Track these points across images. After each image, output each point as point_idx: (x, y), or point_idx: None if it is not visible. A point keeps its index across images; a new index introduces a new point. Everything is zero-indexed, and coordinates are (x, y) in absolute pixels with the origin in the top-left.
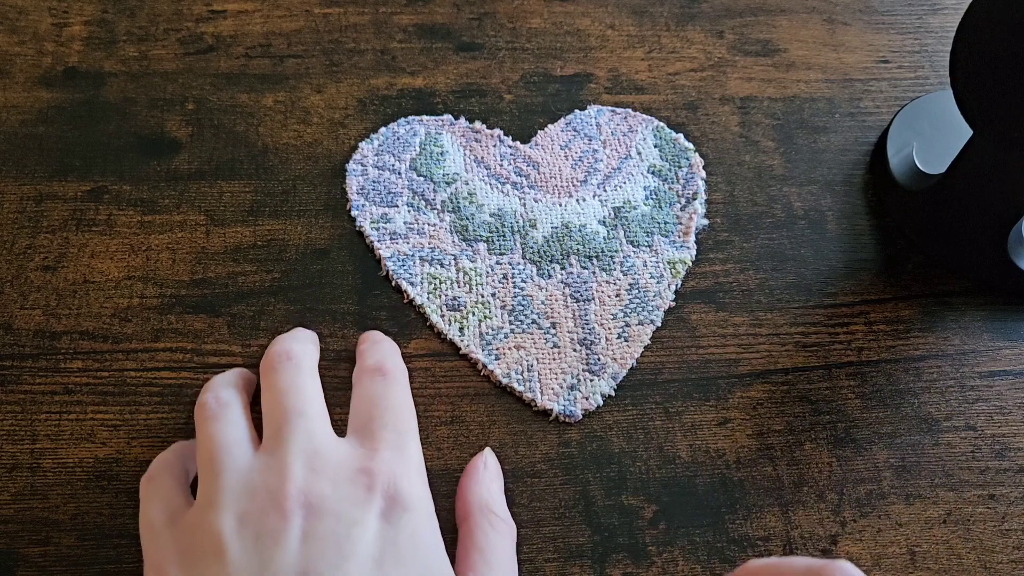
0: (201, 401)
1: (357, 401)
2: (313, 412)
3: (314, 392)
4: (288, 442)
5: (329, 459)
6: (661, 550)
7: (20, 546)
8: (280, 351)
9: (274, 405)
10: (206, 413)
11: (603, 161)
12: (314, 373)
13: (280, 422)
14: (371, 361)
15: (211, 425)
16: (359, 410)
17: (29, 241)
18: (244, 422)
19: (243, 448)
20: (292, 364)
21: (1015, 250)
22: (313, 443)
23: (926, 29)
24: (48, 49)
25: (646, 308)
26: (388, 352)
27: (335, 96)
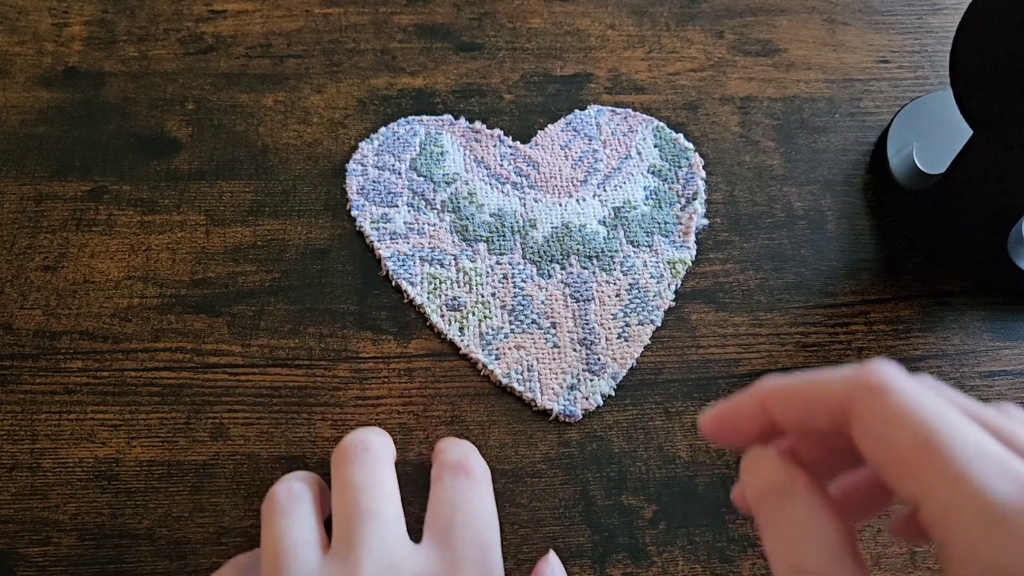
0: (271, 493)
1: (436, 502)
2: (389, 514)
3: (391, 491)
4: (360, 549)
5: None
6: (661, 550)
7: (20, 546)
8: (357, 441)
9: (347, 502)
10: (275, 507)
11: (603, 161)
12: (391, 470)
13: (352, 523)
14: (454, 457)
15: (279, 521)
16: (439, 513)
17: (29, 241)
18: (314, 521)
19: (311, 550)
20: (369, 457)
21: (1015, 250)
22: (387, 552)
23: (926, 29)
24: (48, 49)
25: (646, 308)
26: (470, 451)
27: (335, 96)
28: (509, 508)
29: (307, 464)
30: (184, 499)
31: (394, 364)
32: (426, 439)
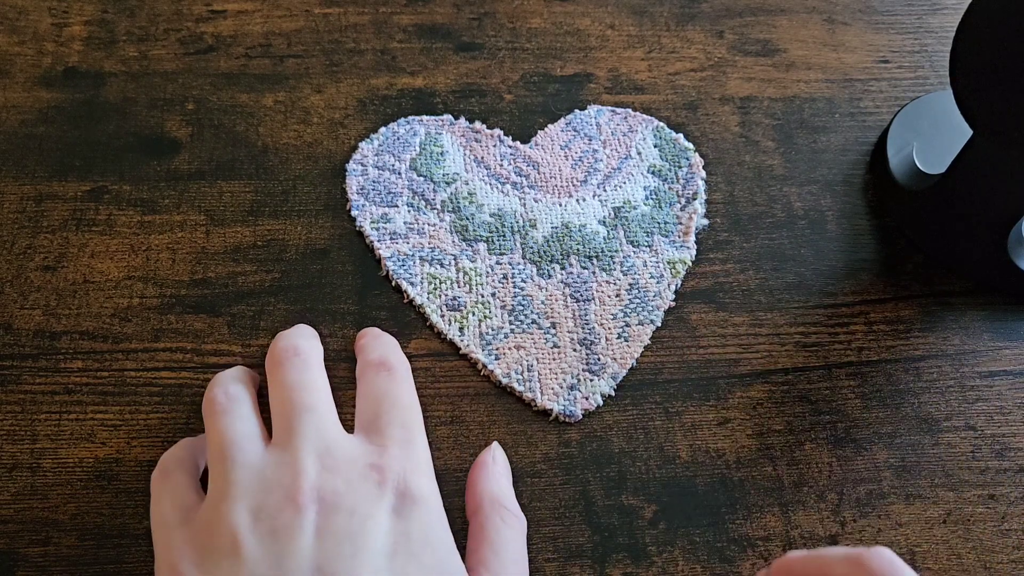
0: (209, 396)
1: (363, 398)
2: (323, 408)
3: (323, 387)
4: (299, 437)
5: (340, 455)
6: (661, 550)
7: (20, 546)
8: (286, 346)
9: (283, 400)
10: (216, 408)
11: (603, 161)
12: (321, 368)
13: (290, 417)
14: (374, 356)
15: (221, 420)
16: (366, 406)
17: (29, 241)
18: (254, 417)
19: (254, 443)
20: (300, 359)
21: (1015, 250)
22: (324, 439)
23: (926, 29)
24: (48, 49)
25: (646, 308)
26: (390, 347)
27: (335, 96)
28: None
29: None
30: None
31: None
32: None
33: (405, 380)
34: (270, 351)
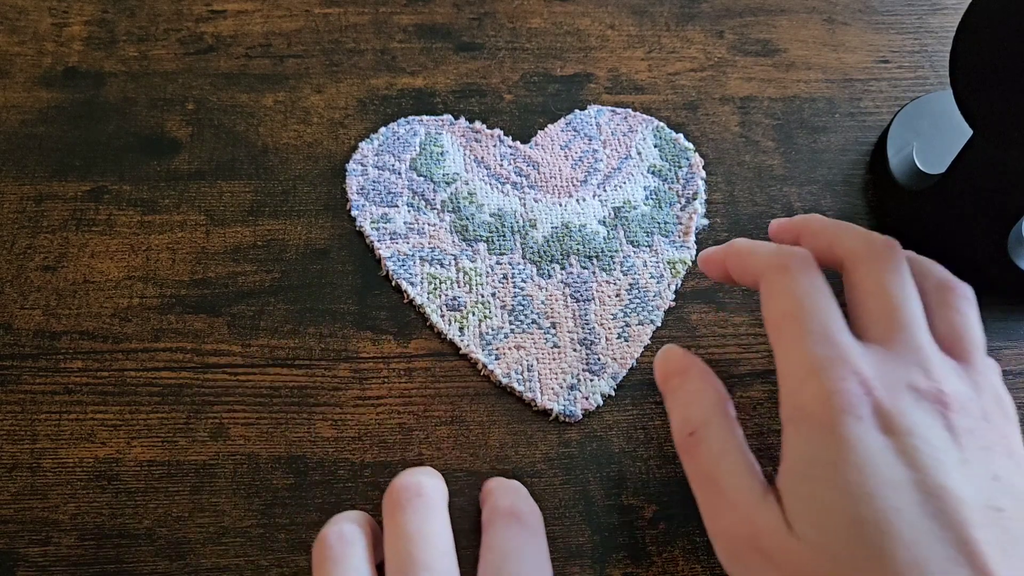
0: (322, 537)
1: (489, 551)
2: (443, 567)
3: (445, 542)
4: None
5: None
6: (661, 550)
7: (20, 546)
8: (410, 485)
9: (400, 553)
10: (326, 553)
11: (603, 161)
12: (445, 516)
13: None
14: (506, 503)
15: (332, 570)
16: (491, 562)
17: (29, 241)
18: (367, 569)
19: None
20: (422, 503)
21: (1015, 250)
22: None
23: (926, 29)
24: (48, 49)
25: (646, 308)
26: (523, 496)
27: (335, 96)
28: None
29: (308, 464)
30: (184, 499)
31: (394, 364)
32: (426, 439)
33: (537, 535)
34: (390, 488)
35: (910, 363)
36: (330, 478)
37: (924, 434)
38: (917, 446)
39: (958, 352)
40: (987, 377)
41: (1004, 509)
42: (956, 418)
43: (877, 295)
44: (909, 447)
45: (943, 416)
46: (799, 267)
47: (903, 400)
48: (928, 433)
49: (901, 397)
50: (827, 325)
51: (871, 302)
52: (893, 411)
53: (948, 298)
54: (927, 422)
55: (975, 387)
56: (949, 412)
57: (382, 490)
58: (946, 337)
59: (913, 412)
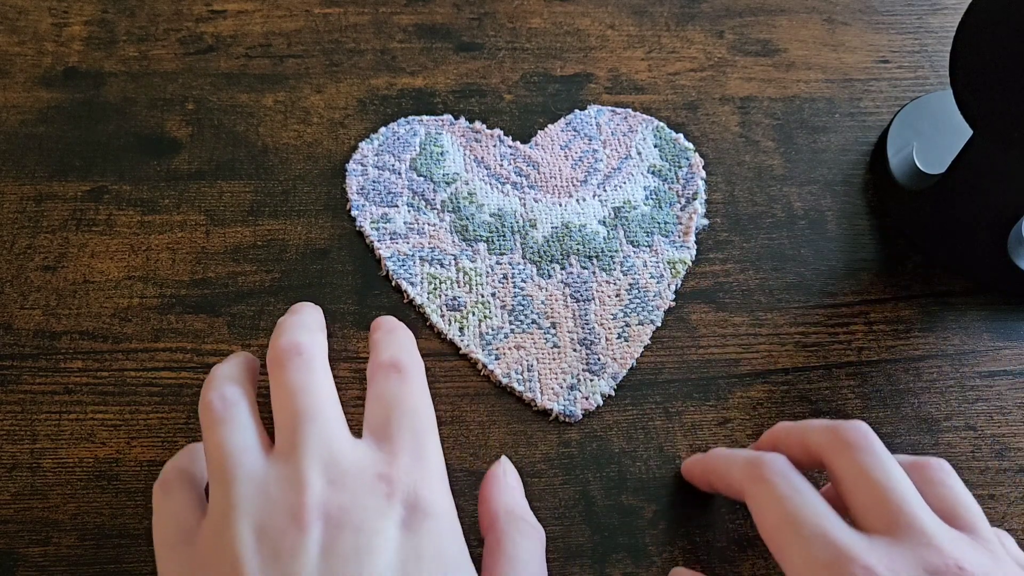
0: (205, 401)
1: (372, 400)
2: (328, 413)
3: (328, 391)
4: (303, 448)
5: (346, 466)
6: (661, 550)
7: (20, 546)
8: (288, 344)
9: (286, 406)
10: (212, 416)
11: (603, 161)
12: (326, 368)
13: (293, 426)
14: (386, 356)
15: (219, 430)
16: (375, 410)
17: (29, 241)
18: (253, 423)
19: (254, 454)
20: (303, 360)
21: (1015, 250)
22: (329, 449)
23: (926, 29)
24: (48, 49)
25: (646, 308)
26: (404, 344)
27: (335, 96)
28: None
29: None
30: None
31: None
32: None
33: (417, 382)
34: (271, 347)
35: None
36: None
37: None
38: None
39: (961, 525)
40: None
41: None
42: None
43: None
44: None
45: None
46: (775, 473)
47: None
48: None
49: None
50: (822, 525)
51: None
52: None
53: (928, 474)
54: None
55: (992, 556)
56: None
57: None
58: (943, 513)
59: None
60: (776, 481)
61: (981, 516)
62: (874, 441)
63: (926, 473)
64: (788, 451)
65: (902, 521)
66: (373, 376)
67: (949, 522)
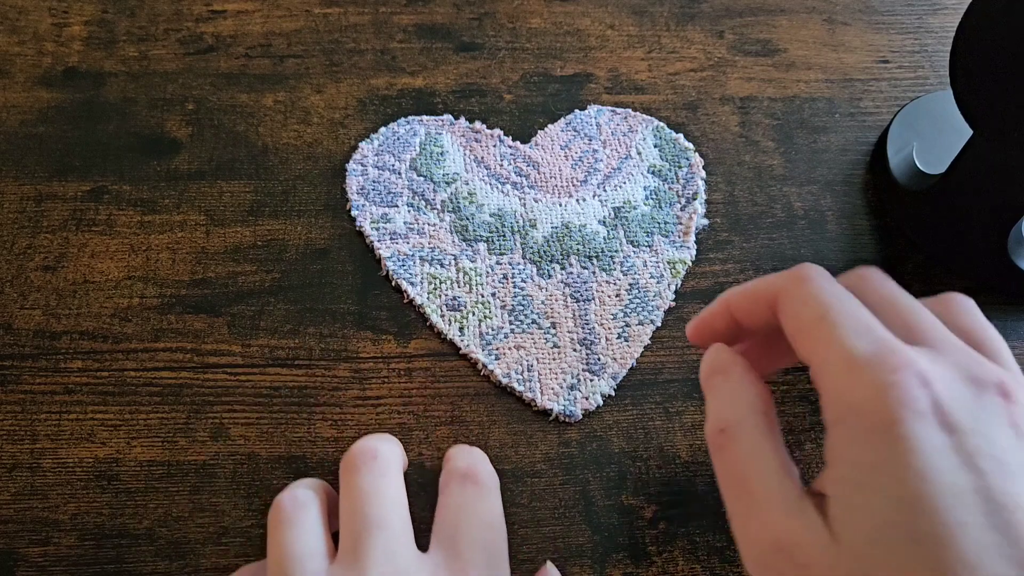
0: (276, 502)
1: (443, 510)
2: (396, 525)
3: (398, 500)
4: (366, 558)
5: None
6: (661, 550)
7: (20, 546)
8: (365, 448)
9: (354, 511)
10: (280, 516)
11: (603, 161)
12: (400, 478)
13: (359, 533)
14: (462, 464)
15: (284, 532)
16: (446, 520)
17: (29, 241)
18: (320, 529)
19: (317, 561)
20: (377, 465)
21: (1015, 250)
22: (394, 561)
23: (926, 29)
24: (48, 49)
25: (646, 308)
26: (480, 457)
27: (335, 96)
28: (509, 508)
29: (307, 464)
30: (184, 499)
31: (394, 364)
32: (426, 439)
33: (492, 496)
34: (346, 453)
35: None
36: (330, 478)
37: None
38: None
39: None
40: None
41: None
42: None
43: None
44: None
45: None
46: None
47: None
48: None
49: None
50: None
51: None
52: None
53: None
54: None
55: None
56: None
57: None
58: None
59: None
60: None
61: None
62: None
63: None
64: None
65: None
66: (447, 485)
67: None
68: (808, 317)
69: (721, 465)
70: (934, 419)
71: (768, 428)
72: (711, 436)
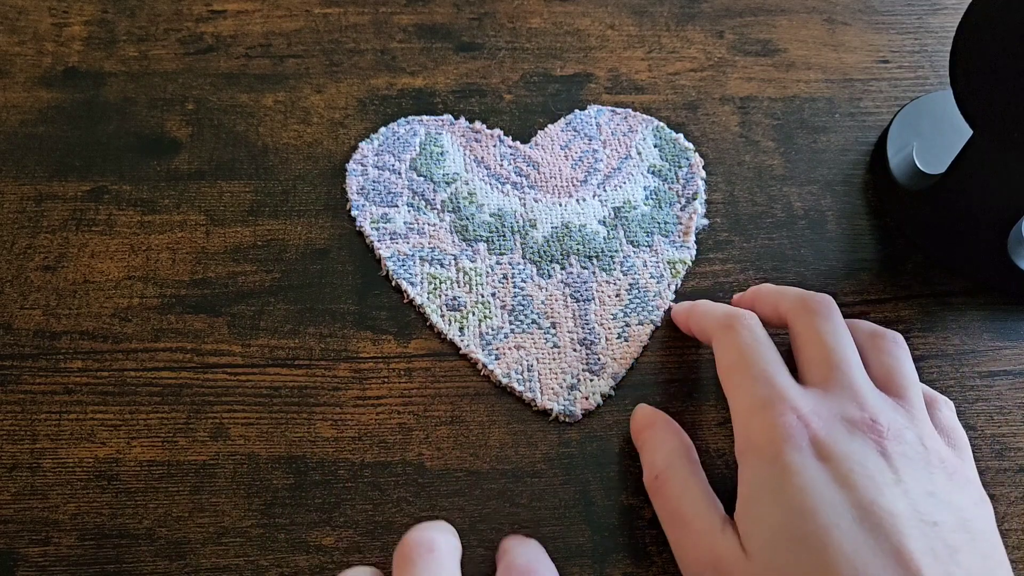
0: None
1: None
2: None
3: None
4: None
5: None
6: (661, 550)
7: (20, 546)
8: (420, 540)
9: None
10: None
11: (603, 161)
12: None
13: None
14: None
15: None
16: None
17: (29, 241)
18: None
19: None
20: (434, 559)
21: (1015, 250)
22: None
23: (926, 29)
24: (48, 49)
25: (646, 308)
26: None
27: (335, 96)
28: (509, 508)
29: (308, 464)
30: (184, 499)
31: (394, 364)
32: (426, 439)
33: None
34: (401, 542)
35: (844, 399)
36: (330, 478)
37: (858, 459)
38: (852, 469)
39: (893, 390)
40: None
41: (939, 523)
42: (889, 444)
43: (813, 342)
44: (844, 471)
45: (876, 443)
46: (742, 325)
47: (837, 431)
48: (862, 459)
49: (836, 428)
50: (767, 370)
51: (808, 349)
52: (828, 440)
53: (880, 344)
54: (861, 449)
55: (910, 417)
56: (883, 440)
57: (382, 490)
58: (880, 378)
59: (848, 441)
60: (741, 331)
61: (915, 385)
62: (834, 311)
63: (877, 341)
64: (762, 310)
65: (836, 377)
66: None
67: (883, 387)
68: (727, 363)
69: (659, 504)
70: (811, 451)
71: (693, 470)
72: (648, 482)
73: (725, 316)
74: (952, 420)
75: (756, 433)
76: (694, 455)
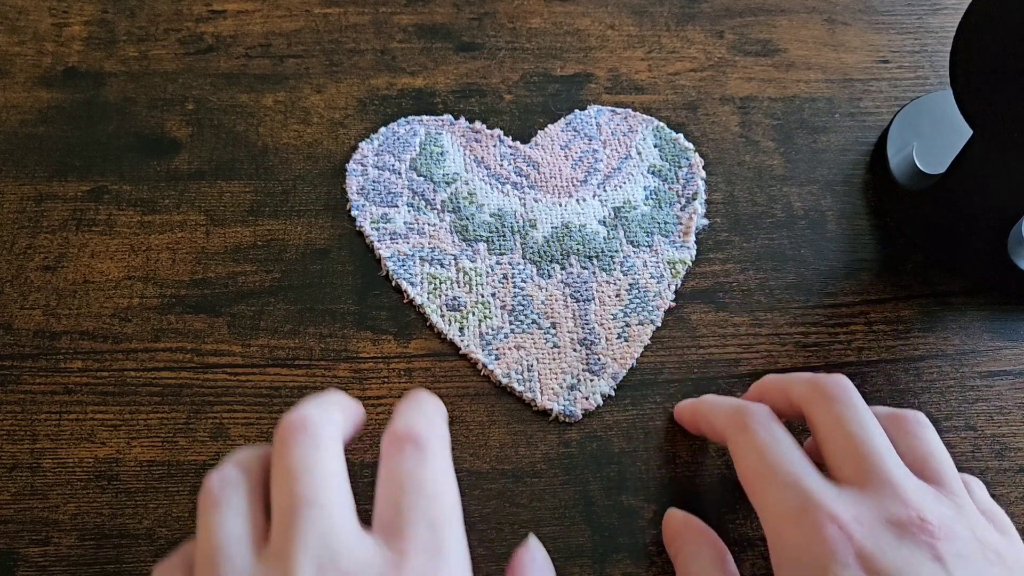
0: (205, 482)
1: (383, 483)
2: (330, 501)
3: (331, 473)
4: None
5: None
6: (661, 550)
7: (20, 546)
8: (294, 419)
9: (283, 491)
10: (208, 499)
11: (603, 161)
12: (336, 446)
13: (289, 513)
14: (400, 425)
15: (210, 515)
16: (385, 495)
17: (29, 241)
18: (248, 510)
19: (243, 546)
20: (307, 436)
21: (1015, 250)
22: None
23: (926, 29)
24: (48, 49)
25: (646, 308)
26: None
27: (335, 96)
28: (509, 508)
29: None
30: (184, 499)
31: (394, 364)
32: None
33: (437, 459)
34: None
35: (885, 496)
36: None
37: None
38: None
39: (929, 476)
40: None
41: None
42: (941, 545)
43: (838, 433)
44: None
45: (929, 547)
46: (757, 423)
47: (884, 539)
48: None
49: (882, 536)
50: (795, 474)
51: (834, 442)
52: (876, 552)
53: (904, 426)
54: (914, 558)
55: (956, 508)
56: (935, 541)
57: None
58: (913, 465)
59: (896, 549)
60: (757, 430)
61: (951, 467)
62: (852, 394)
63: (901, 424)
64: (772, 402)
65: (871, 472)
66: (384, 452)
67: (919, 473)
68: (749, 470)
69: None
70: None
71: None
72: None
73: (736, 413)
74: (989, 501)
75: (794, 548)
76: (731, 565)
